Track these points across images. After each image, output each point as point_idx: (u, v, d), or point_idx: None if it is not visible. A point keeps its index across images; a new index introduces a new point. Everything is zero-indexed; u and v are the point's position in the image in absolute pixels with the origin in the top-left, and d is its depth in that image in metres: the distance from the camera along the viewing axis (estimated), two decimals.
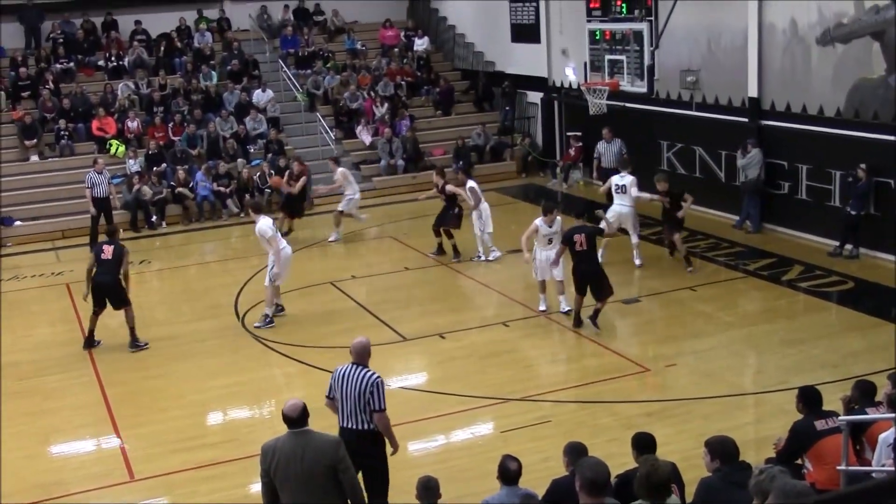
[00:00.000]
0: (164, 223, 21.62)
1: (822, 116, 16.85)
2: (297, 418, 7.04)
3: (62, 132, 23.25)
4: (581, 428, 10.22)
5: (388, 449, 8.24)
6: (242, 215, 21.91)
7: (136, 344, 13.76)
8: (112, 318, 16.06)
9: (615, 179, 16.36)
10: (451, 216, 17.35)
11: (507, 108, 25.73)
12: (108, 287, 13.59)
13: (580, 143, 23.01)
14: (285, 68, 26.46)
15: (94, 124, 23.52)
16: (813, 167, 17.13)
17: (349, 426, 8.04)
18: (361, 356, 8.13)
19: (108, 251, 13.55)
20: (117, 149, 23.05)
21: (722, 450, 6.58)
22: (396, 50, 28.18)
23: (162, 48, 26.69)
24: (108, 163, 21.11)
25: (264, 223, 14.06)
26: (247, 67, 26.32)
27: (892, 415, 7.25)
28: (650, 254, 16.64)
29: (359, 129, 25.02)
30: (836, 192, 16.69)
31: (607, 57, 20.96)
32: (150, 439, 10.93)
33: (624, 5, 20.52)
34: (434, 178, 17.86)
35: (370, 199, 22.90)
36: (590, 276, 13.28)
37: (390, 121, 25.04)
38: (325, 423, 7.88)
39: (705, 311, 13.90)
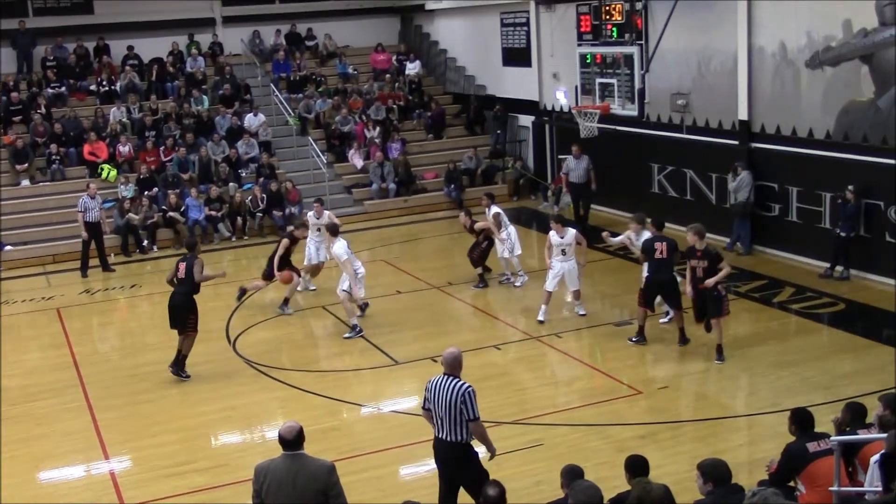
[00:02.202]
0: (155, 247, 21.59)
1: (811, 139, 16.94)
2: (292, 440, 7.03)
3: (53, 157, 23.26)
4: (573, 451, 10.19)
5: (485, 455, 8.33)
6: (234, 239, 21.94)
7: (178, 371, 13.27)
8: (103, 343, 16.04)
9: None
10: (478, 247, 17.22)
11: (499, 131, 25.81)
12: (175, 308, 13.08)
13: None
14: (277, 92, 26.54)
15: (86, 149, 23.53)
16: (803, 189, 17.21)
17: (444, 437, 8.11)
18: (453, 367, 8.15)
19: (182, 269, 13.01)
20: (108, 173, 23.04)
21: (715, 472, 6.58)
22: (388, 74, 28.30)
23: (154, 73, 26.74)
24: (99, 187, 21.10)
25: (339, 246, 14.53)
26: (239, 92, 26.39)
27: (884, 436, 7.26)
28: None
29: (350, 152, 25.08)
30: (826, 213, 16.76)
31: (598, 80, 21.10)
32: (140, 464, 10.87)
33: (614, 29, 20.67)
34: (462, 218, 17.44)
35: (362, 223, 22.96)
36: (665, 287, 13.55)
37: (382, 144, 25.10)
38: (319, 448, 7.86)
39: (697, 334, 13.87)
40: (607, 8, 20.78)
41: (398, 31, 31.01)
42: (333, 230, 15.23)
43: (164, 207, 22.04)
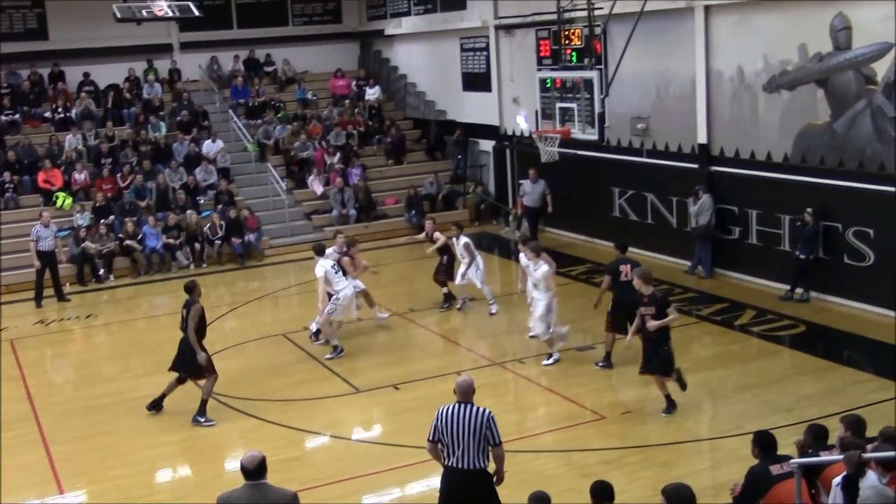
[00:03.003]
0: (111, 276, 21.36)
1: (770, 162, 17.17)
2: (253, 470, 6.96)
3: (7, 185, 22.97)
4: (537, 478, 10.15)
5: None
6: (192, 267, 21.78)
7: (198, 418, 12.63)
8: (58, 374, 15.80)
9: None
10: (442, 268, 17.32)
11: (460, 156, 25.89)
12: (182, 353, 12.59)
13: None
14: (235, 118, 26.47)
15: (41, 177, 23.27)
16: (763, 212, 17.41)
17: (461, 466, 8.01)
18: (467, 394, 8.17)
19: (183, 313, 12.48)
20: (64, 201, 22.80)
21: (678, 497, 6.60)
22: (348, 99, 28.33)
23: (110, 99, 26.58)
24: (54, 215, 20.87)
25: (318, 266, 14.84)
26: (196, 118, 26.28)
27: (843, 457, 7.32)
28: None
29: (310, 178, 25.03)
30: (786, 236, 16.97)
31: (558, 105, 21.12)
32: (97, 498, 10.69)
33: (574, 54, 20.77)
34: (428, 226, 17.72)
35: None
36: (634, 309, 13.30)
37: (342, 170, 25.08)
38: (281, 478, 7.78)
39: None
40: (566, 33, 20.87)
41: (357, 56, 31.07)
42: (317, 250, 15.46)
43: (120, 236, 21.82)
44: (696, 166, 18.62)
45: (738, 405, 12.17)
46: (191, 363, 12.55)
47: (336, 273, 14.94)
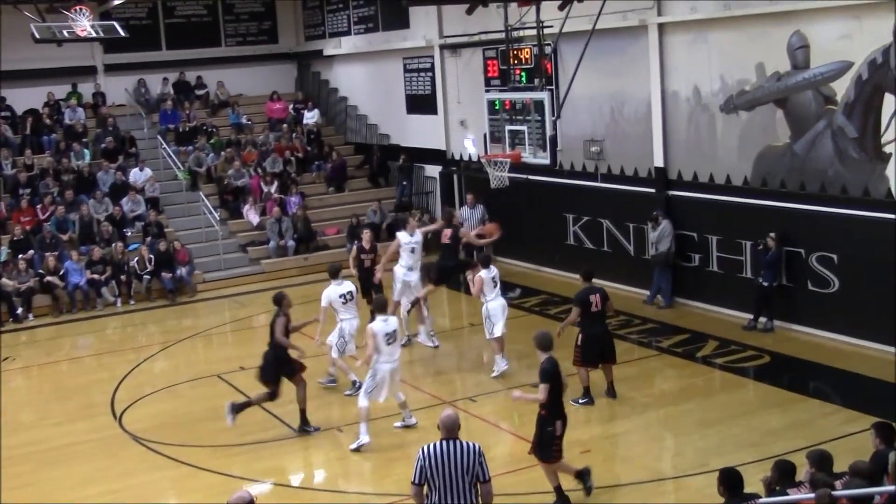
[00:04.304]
0: (30, 315, 20.97)
1: (729, 185, 17.39)
2: None
3: None
4: None
5: None
6: (119, 304, 21.49)
7: (305, 428, 13.41)
8: None
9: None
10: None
11: (404, 182, 25.90)
12: (267, 364, 13.25)
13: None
14: (165, 145, 26.27)
15: None
16: (723, 238, 17.61)
17: None
18: (453, 430, 8.18)
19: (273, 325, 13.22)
20: None
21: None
22: (285, 124, 28.25)
23: (28, 125, 26.23)
24: None
25: (324, 293, 14.51)
26: (123, 145, 26.06)
27: (813, 495, 7.38)
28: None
29: (245, 208, 24.88)
30: (747, 262, 17.16)
31: (508, 127, 21.17)
32: None
33: (523, 74, 20.93)
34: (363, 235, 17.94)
35: (258, 283, 22.73)
36: (605, 341, 13.62)
37: (279, 199, 24.97)
38: None
39: (619, 393, 13.99)
40: (515, 52, 21.04)
41: (295, 77, 31.05)
42: (331, 272, 14.85)
43: (40, 271, 21.46)
44: (653, 191, 18.81)
45: (702, 441, 12.23)
46: (261, 372, 13.21)
47: (344, 304, 14.58)
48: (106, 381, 16.08)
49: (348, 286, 14.79)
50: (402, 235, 16.82)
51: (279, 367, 13.14)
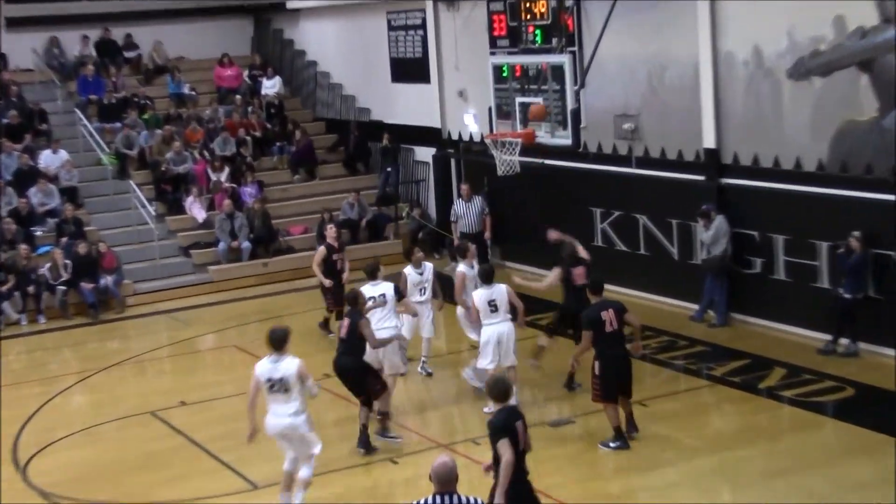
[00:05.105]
0: None
1: (799, 172, 17.27)
2: None
3: None
4: None
5: None
6: (24, 322, 21.35)
7: (385, 434, 14.28)
8: None
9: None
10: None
11: (389, 169, 25.86)
12: (346, 370, 14.01)
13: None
14: (85, 121, 26.18)
15: None
16: (792, 238, 17.49)
17: None
18: (449, 482, 8.29)
19: (343, 325, 13.99)
20: None
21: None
22: (238, 95, 28.22)
23: None
24: None
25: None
26: (30, 121, 26.01)
27: None
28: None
29: (188, 201, 24.79)
30: (823, 269, 17.04)
31: (518, 100, 21.23)
32: None
33: (538, 32, 20.88)
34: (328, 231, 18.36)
35: (205, 296, 22.65)
36: (624, 368, 13.49)
37: (231, 190, 24.87)
38: None
39: (661, 434, 13.91)
40: (528, 5, 21.01)
41: (251, 37, 31.08)
42: (369, 270, 15.49)
43: None
44: (702, 178, 18.71)
45: (768, 495, 12.10)
46: (359, 383, 14.04)
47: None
48: (7, 421, 15.92)
49: (384, 288, 15.25)
50: (464, 268, 16.32)
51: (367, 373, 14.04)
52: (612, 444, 13.58)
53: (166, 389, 17.33)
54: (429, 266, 16.78)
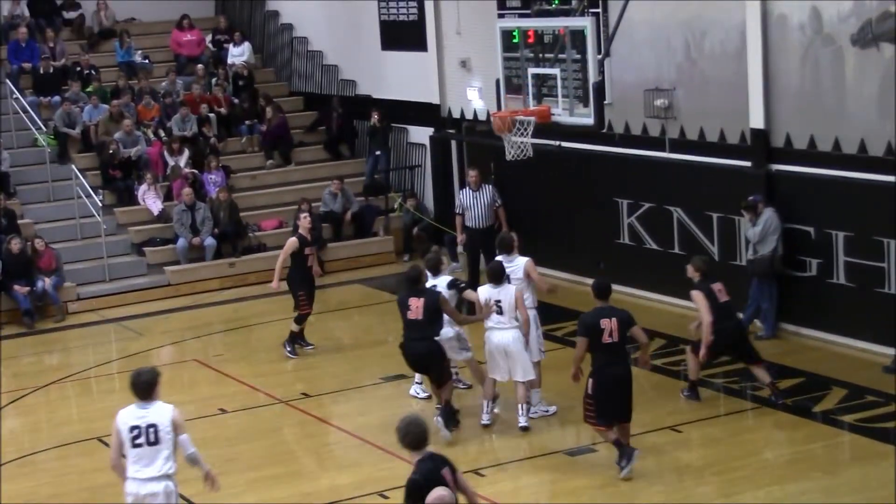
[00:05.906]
0: None
1: (864, 156, 17.30)
2: None
3: None
4: None
5: None
6: None
7: (448, 423, 14.97)
8: None
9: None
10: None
11: (378, 152, 25.90)
12: (422, 356, 14.99)
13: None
14: (17, 94, 26.21)
15: None
16: (854, 235, 17.54)
17: None
18: None
19: (415, 306, 14.68)
20: None
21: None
22: (200, 64, 28.30)
23: None
24: None
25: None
26: None
27: None
28: None
29: (141, 189, 24.82)
30: (891, 272, 17.09)
31: (531, 71, 21.21)
32: None
33: None
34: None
35: (161, 301, 22.70)
36: (620, 390, 13.51)
37: (192, 177, 24.90)
38: None
39: (696, 465, 14.00)
40: None
41: None
42: (430, 265, 15.99)
43: None
44: (749, 164, 18.77)
45: None
46: (435, 368, 15.02)
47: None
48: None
49: (443, 282, 15.75)
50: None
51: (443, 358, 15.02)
52: (622, 464, 13.62)
53: (114, 411, 17.23)
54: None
